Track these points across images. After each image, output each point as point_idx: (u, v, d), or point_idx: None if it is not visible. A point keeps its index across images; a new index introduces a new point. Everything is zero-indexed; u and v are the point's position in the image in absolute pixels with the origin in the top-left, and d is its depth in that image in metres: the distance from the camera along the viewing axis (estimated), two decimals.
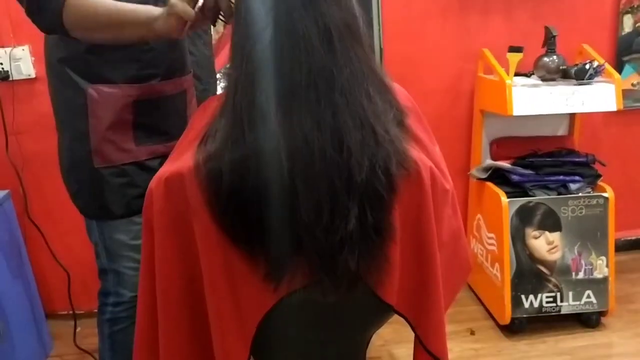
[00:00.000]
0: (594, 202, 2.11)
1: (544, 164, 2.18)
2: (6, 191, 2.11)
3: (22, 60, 2.09)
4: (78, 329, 2.19)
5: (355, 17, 0.95)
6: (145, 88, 1.37)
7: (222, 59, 2.36)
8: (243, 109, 0.90)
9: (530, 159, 2.20)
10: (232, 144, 0.90)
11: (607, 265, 2.12)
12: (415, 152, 0.95)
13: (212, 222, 0.92)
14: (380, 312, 1.06)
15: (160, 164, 1.41)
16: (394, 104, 0.99)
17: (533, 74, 2.19)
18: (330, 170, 0.86)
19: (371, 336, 1.23)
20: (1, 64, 2.08)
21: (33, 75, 2.12)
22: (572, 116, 2.38)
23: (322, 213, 0.86)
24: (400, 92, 1.07)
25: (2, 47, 2.08)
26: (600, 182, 2.17)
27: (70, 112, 1.36)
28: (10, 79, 2.09)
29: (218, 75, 2.39)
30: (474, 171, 2.27)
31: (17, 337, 1.97)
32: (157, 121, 1.43)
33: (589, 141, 2.40)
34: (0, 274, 1.94)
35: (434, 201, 0.98)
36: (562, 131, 2.41)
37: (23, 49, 2.08)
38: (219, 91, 2.43)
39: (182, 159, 0.99)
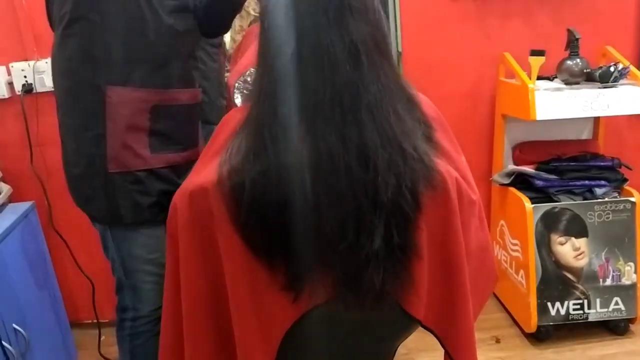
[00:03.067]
0: (621, 207, 2.07)
1: (569, 168, 2.14)
2: (31, 202, 2.14)
3: (46, 73, 2.11)
4: (102, 338, 2.21)
5: (383, 32, 0.95)
6: (163, 94, 1.38)
7: (238, 70, 2.37)
8: (265, 122, 0.90)
9: (554, 164, 2.17)
10: (255, 158, 0.90)
11: (635, 272, 2.08)
12: (442, 165, 0.94)
13: (235, 235, 0.92)
14: (407, 325, 1.05)
15: (174, 173, 1.44)
16: (422, 119, 0.98)
17: (556, 77, 2.16)
18: (356, 187, 0.85)
19: (397, 347, 1.22)
20: (25, 77, 2.11)
21: None
22: (596, 119, 2.34)
23: (347, 230, 0.86)
24: (425, 103, 1.06)
25: (26, 60, 2.11)
26: (626, 187, 2.13)
27: (87, 115, 1.35)
28: (34, 91, 2.12)
29: (236, 85, 2.40)
30: (497, 176, 2.24)
31: (43, 347, 1.99)
32: (172, 130, 1.44)
33: (614, 144, 2.36)
34: (26, 284, 1.96)
35: (461, 212, 0.97)
36: (586, 135, 2.37)
37: (46, 62, 2.10)
38: (238, 102, 2.45)
39: (206, 172, 0.99)
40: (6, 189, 2.09)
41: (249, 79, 2.47)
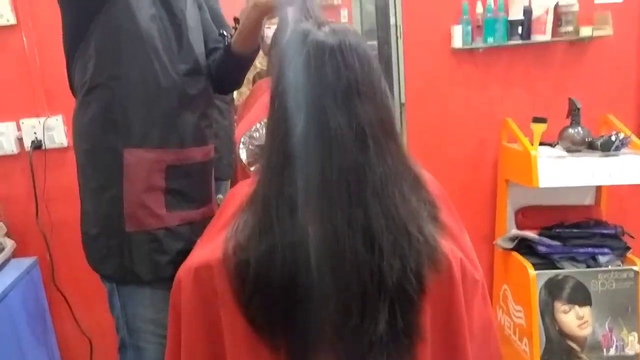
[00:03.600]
0: (624, 275, 2.06)
1: (572, 235, 2.15)
2: (34, 258, 2.14)
3: (56, 130, 2.15)
4: None
5: (389, 114, 0.97)
6: (177, 153, 1.41)
7: (245, 126, 2.41)
8: (272, 200, 0.91)
9: (557, 230, 2.17)
10: (260, 236, 0.91)
11: (638, 342, 2.05)
12: (446, 245, 0.95)
13: (238, 312, 0.93)
14: None
15: (191, 231, 1.46)
16: (427, 199, 0.99)
17: (557, 144, 2.18)
18: (361, 270, 0.86)
19: None
20: (35, 133, 2.14)
21: (65, 144, 2.18)
22: (598, 186, 2.35)
23: (352, 313, 0.86)
24: (430, 181, 1.07)
25: (37, 116, 2.15)
26: (629, 255, 2.13)
27: (105, 177, 1.37)
28: (43, 147, 2.15)
29: (242, 140, 2.44)
30: (500, 241, 2.24)
31: None
32: (187, 188, 1.45)
33: (617, 211, 2.36)
34: (24, 341, 1.94)
35: (465, 293, 0.97)
36: (588, 201, 2.38)
37: (57, 119, 2.15)
38: (243, 157, 2.48)
39: (211, 247, 1.00)
40: (10, 245, 2.09)
41: (255, 134, 2.51)
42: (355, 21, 4.23)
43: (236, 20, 1.53)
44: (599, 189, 2.37)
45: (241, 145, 2.45)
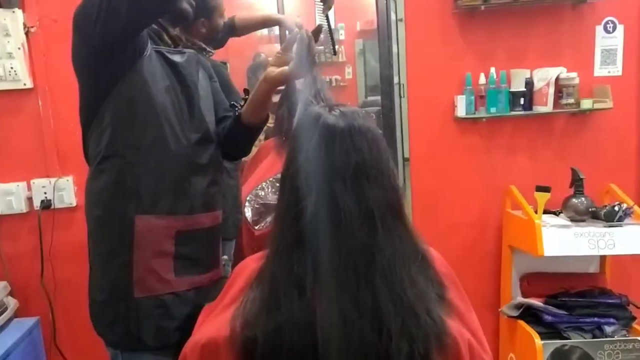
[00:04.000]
0: (630, 346, 2.04)
1: (577, 304, 2.14)
2: (36, 318, 2.13)
3: (66, 190, 2.18)
4: None
5: (397, 193, 0.99)
6: (187, 220, 1.42)
7: (250, 184, 2.44)
8: (280, 280, 0.92)
9: (563, 298, 2.16)
10: (268, 314, 0.92)
11: None
12: (454, 327, 0.95)
13: None
14: None
15: (199, 296, 1.46)
16: (435, 278, 1.00)
17: (561, 212, 2.20)
18: (368, 353, 0.86)
19: None
20: (45, 193, 2.17)
21: (74, 204, 2.21)
22: (603, 255, 2.35)
23: None
24: (437, 259, 1.08)
25: (48, 177, 2.18)
26: (635, 325, 2.12)
27: (115, 243, 1.38)
28: (52, 207, 2.18)
29: (248, 199, 2.46)
30: (505, 309, 2.23)
31: None
32: (195, 253, 1.46)
33: (621, 280, 2.36)
34: None
35: None
36: (593, 269, 2.38)
37: (67, 180, 2.18)
38: (249, 215, 2.50)
39: (218, 323, 1.00)
40: (12, 304, 2.09)
41: (260, 192, 2.53)
42: (360, 77, 4.33)
43: (246, 91, 1.58)
44: (603, 257, 2.37)
45: (247, 204, 2.48)
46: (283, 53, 1.35)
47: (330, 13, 2.81)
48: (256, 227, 2.52)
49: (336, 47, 1.38)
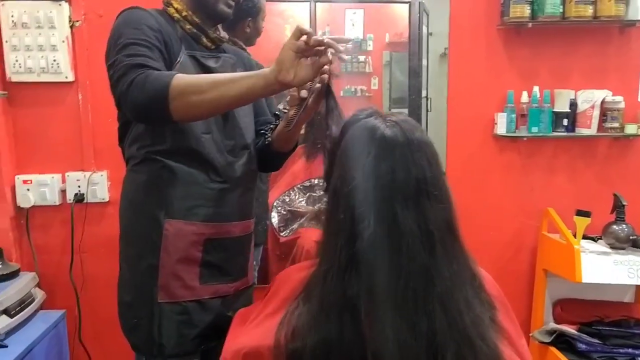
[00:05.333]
0: None
1: (612, 334, 2.08)
2: (62, 311, 2.13)
3: (99, 185, 2.18)
4: None
5: (453, 211, 0.96)
6: (217, 227, 1.41)
7: (278, 190, 2.42)
8: (331, 302, 0.88)
9: (597, 327, 2.10)
10: (316, 329, 0.88)
11: None
12: (507, 353, 0.92)
13: None
14: None
15: (223, 305, 1.44)
16: (487, 301, 0.96)
17: (600, 238, 2.15)
18: None
19: None
20: (79, 187, 2.17)
21: (107, 199, 2.20)
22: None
23: None
24: (488, 280, 1.05)
25: (82, 171, 2.18)
26: None
27: (143, 246, 1.38)
28: (85, 201, 2.18)
29: (274, 204, 2.44)
30: (537, 334, 2.17)
31: None
32: (223, 261, 1.45)
33: None
34: None
35: None
36: (628, 298, 2.32)
37: (102, 174, 2.18)
38: (275, 221, 2.47)
39: (260, 332, 0.97)
40: (40, 296, 2.08)
41: (287, 199, 2.52)
42: (385, 89, 4.30)
43: (276, 116, 1.56)
44: (639, 287, 2.30)
45: (273, 210, 2.46)
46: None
47: (359, 24, 2.77)
48: (282, 234, 2.51)
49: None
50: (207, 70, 1.42)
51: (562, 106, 2.23)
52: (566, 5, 2.10)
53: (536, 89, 2.23)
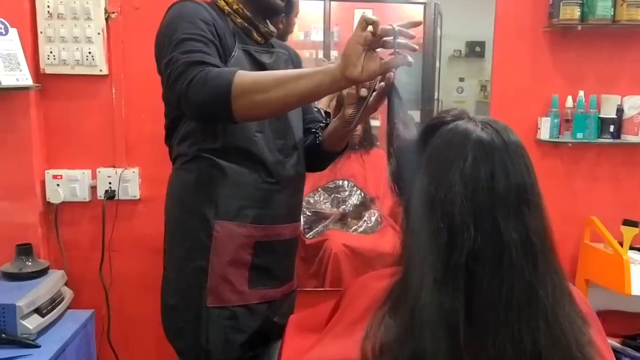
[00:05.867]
0: None
1: None
2: (91, 311, 2.07)
3: (130, 182, 2.12)
4: None
5: (549, 219, 0.90)
6: (268, 230, 1.37)
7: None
8: (426, 314, 0.82)
9: (638, 341, 2.04)
10: (407, 345, 0.82)
11: None
12: None
13: None
14: None
15: (270, 310, 1.39)
16: (582, 317, 0.90)
17: None
18: None
19: None
20: (110, 183, 2.11)
21: (137, 197, 2.14)
22: None
23: None
24: (578, 295, 0.99)
25: (114, 167, 2.12)
26: None
27: (192, 247, 1.34)
28: (116, 198, 2.12)
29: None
30: None
31: None
32: (272, 264, 1.41)
33: None
34: None
35: None
36: None
37: (134, 171, 2.12)
38: (300, 224, 2.41)
39: (343, 346, 0.91)
40: (69, 295, 2.03)
41: (311, 200, 2.47)
42: None
43: (327, 114, 1.51)
44: None
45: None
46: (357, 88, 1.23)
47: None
48: (307, 236, 2.45)
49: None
50: (260, 65, 1.37)
51: (609, 112, 2.17)
52: (617, 8, 2.04)
53: (582, 93, 2.17)
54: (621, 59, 2.20)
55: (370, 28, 1.07)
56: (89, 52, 2.02)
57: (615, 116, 2.16)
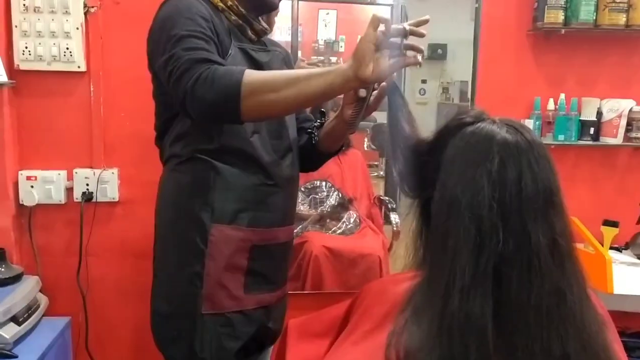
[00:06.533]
0: None
1: (638, 346, 2.07)
2: (68, 318, 1.99)
3: (109, 183, 2.04)
4: None
5: (572, 226, 0.89)
6: (265, 233, 1.34)
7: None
8: (453, 320, 0.80)
9: (622, 339, 2.07)
10: (434, 352, 0.80)
11: None
12: None
13: None
14: None
15: (265, 315, 1.36)
16: (601, 318, 0.90)
17: (625, 249, 2.14)
18: None
19: None
20: (87, 185, 2.03)
21: (116, 199, 2.06)
22: None
23: None
24: (594, 297, 0.99)
25: (92, 168, 2.04)
26: None
27: (187, 252, 1.29)
28: (94, 200, 2.03)
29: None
30: None
31: None
32: (268, 269, 1.38)
33: None
34: None
35: None
36: None
37: (113, 172, 2.04)
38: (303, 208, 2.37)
39: (363, 352, 0.90)
40: (44, 302, 1.94)
41: (309, 186, 2.44)
42: None
43: (322, 113, 1.49)
44: None
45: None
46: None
47: (332, 24, 2.72)
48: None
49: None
50: (257, 64, 1.33)
51: (589, 114, 2.21)
52: (599, 13, 2.08)
53: (563, 96, 2.21)
54: (601, 63, 2.25)
55: (381, 28, 1.05)
56: (67, 48, 1.93)
57: (595, 119, 2.21)
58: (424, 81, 2.60)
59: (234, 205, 1.29)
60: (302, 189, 2.46)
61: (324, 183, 2.52)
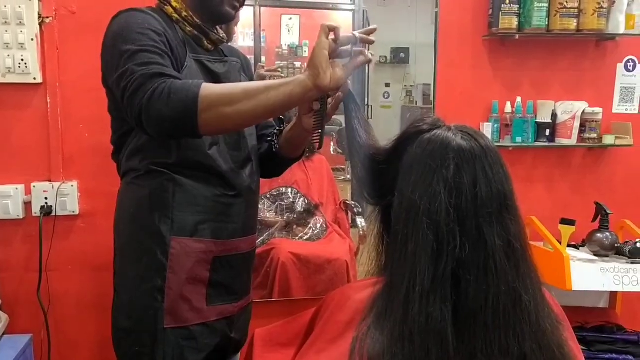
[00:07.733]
0: None
1: (596, 339, 2.14)
2: (29, 336, 1.93)
3: (69, 197, 2.00)
4: None
5: (525, 230, 0.92)
6: (226, 244, 1.34)
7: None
8: (414, 325, 0.82)
9: (581, 334, 2.15)
10: (397, 357, 0.82)
11: None
12: None
13: None
14: None
15: (227, 326, 1.35)
16: (556, 317, 0.94)
17: (582, 246, 2.20)
18: None
19: None
20: (46, 198, 1.98)
21: (76, 212, 2.03)
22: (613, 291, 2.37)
23: None
24: (548, 296, 1.02)
25: (50, 181, 2.00)
26: None
27: (147, 265, 1.28)
28: (53, 214, 1.99)
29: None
30: None
31: None
32: (229, 280, 1.38)
33: (630, 316, 2.38)
34: None
35: None
36: (602, 303, 2.39)
37: (72, 185, 2.00)
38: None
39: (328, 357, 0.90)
40: (4, 319, 1.89)
41: (275, 192, 2.44)
42: None
43: (281, 120, 1.50)
44: (613, 293, 2.38)
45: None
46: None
47: (295, 30, 2.75)
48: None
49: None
50: (214, 75, 1.33)
51: (545, 117, 2.27)
52: (551, 18, 2.15)
53: (519, 99, 2.27)
54: (554, 67, 2.32)
55: (332, 36, 1.07)
56: (22, 59, 1.89)
57: (550, 121, 2.27)
58: (387, 85, 2.62)
59: (195, 218, 1.29)
60: (268, 195, 2.46)
61: (289, 189, 2.52)
